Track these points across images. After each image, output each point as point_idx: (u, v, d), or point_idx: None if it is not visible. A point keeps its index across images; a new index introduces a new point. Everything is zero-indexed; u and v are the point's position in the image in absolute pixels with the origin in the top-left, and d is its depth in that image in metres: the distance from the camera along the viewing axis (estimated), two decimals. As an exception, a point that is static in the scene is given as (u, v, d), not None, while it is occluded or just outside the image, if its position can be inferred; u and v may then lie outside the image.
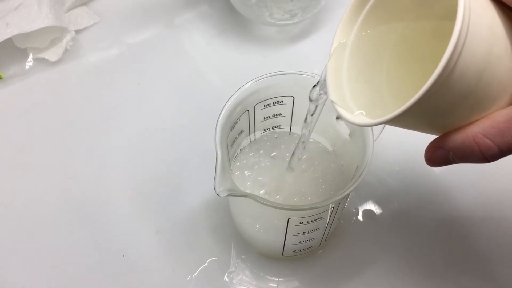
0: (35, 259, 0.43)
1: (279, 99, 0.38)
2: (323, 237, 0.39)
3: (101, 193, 0.46)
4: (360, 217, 0.44)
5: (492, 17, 0.23)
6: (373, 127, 0.33)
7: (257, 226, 0.37)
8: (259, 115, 0.39)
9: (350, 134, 0.37)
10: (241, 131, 0.39)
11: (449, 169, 0.46)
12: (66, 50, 0.53)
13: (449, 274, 0.41)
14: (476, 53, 0.22)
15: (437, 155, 0.26)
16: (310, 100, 0.32)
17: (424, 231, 0.43)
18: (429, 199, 0.45)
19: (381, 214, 0.44)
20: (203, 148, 0.47)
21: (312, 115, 0.32)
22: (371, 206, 0.45)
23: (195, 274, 0.41)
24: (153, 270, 0.42)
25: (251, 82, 0.35)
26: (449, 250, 0.42)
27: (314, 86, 0.31)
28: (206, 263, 0.42)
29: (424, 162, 0.43)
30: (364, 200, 0.45)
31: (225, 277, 0.41)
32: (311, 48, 0.55)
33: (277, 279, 0.42)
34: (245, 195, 0.31)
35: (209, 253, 0.42)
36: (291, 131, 0.42)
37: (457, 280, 0.41)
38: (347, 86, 0.29)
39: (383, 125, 0.35)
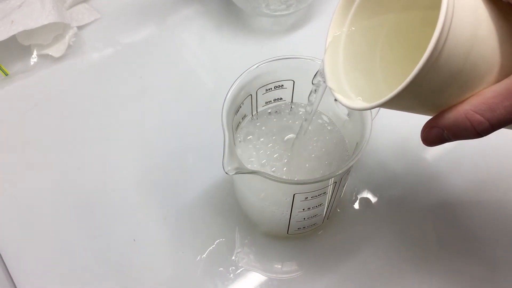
0: (50, 246, 0.44)
1: (280, 83, 0.40)
2: (325, 214, 0.41)
3: (109, 183, 0.47)
4: (358, 201, 0.46)
5: (475, 0, 0.24)
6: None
7: (264, 204, 0.38)
8: (261, 100, 0.41)
9: (348, 115, 0.39)
10: (245, 115, 0.41)
11: (441, 153, 0.48)
12: (69, 46, 0.55)
13: (443, 255, 0.43)
14: (462, 36, 0.23)
15: (433, 134, 0.27)
16: (313, 83, 0.34)
17: (420, 214, 0.45)
18: (424, 184, 0.47)
19: (379, 197, 0.46)
20: (205, 137, 0.49)
21: (315, 93, 0.34)
22: (368, 189, 0.47)
23: (204, 255, 0.43)
24: (164, 252, 0.44)
25: (255, 66, 0.37)
26: (444, 233, 0.44)
27: (315, 75, 0.33)
28: (214, 244, 0.44)
29: (416, 149, 0.45)
30: (362, 183, 0.47)
31: (233, 257, 0.43)
32: (306, 38, 0.57)
33: (281, 258, 0.43)
34: (252, 172, 0.33)
35: (216, 235, 0.44)
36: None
37: (451, 262, 0.43)
38: (344, 75, 0.31)
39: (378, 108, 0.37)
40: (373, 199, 0.46)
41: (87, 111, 0.52)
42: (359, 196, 0.46)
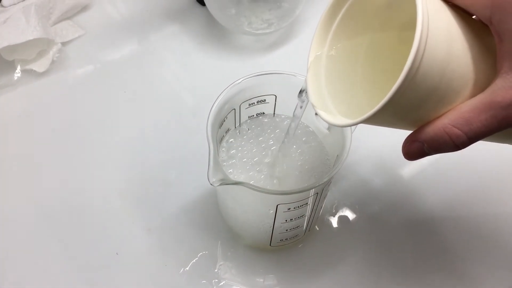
0: (29, 261, 0.44)
1: (263, 98, 0.41)
2: (307, 226, 0.42)
3: (92, 195, 0.48)
4: (337, 214, 0.47)
5: (448, 19, 0.26)
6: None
7: (248, 215, 0.39)
8: (244, 114, 0.42)
9: (328, 128, 0.40)
10: (228, 129, 0.42)
11: (418, 170, 0.50)
12: (53, 62, 0.55)
13: (418, 270, 0.44)
14: (437, 55, 0.24)
15: (413, 148, 0.28)
16: (298, 99, 0.35)
17: (397, 230, 0.46)
18: (401, 201, 0.48)
19: (358, 211, 0.48)
20: (189, 150, 0.50)
21: (300, 108, 0.35)
22: (348, 203, 0.48)
23: (187, 268, 0.43)
24: (146, 265, 0.44)
25: (239, 81, 0.38)
26: (419, 247, 0.46)
27: (301, 92, 0.34)
28: (197, 257, 0.44)
29: (395, 166, 0.46)
30: (342, 197, 0.48)
31: (216, 269, 0.44)
32: (287, 55, 0.59)
33: (263, 271, 0.44)
34: (237, 183, 0.33)
35: (199, 248, 0.45)
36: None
37: (426, 276, 0.44)
38: (327, 92, 0.32)
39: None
40: (352, 214, 0.47)
41: (70, 126, 0.52)
42: (338, 210, 0.47)
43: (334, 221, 0.47)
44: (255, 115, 0.43)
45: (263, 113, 0.43)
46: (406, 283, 0.44)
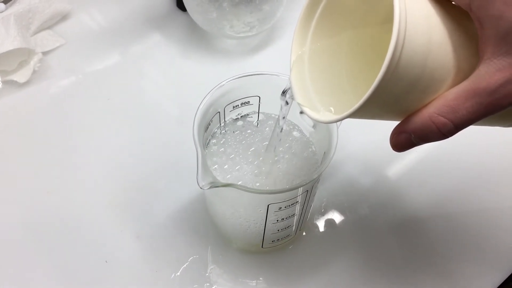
0: (17, 271, 0.43)
1: (247, 99, 0.41)
2: (298, 225, 0.42)
3: (79, 205, 0.47)
4: (326, 214, 0.47)
5: (426, 8, 0.26)
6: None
7: (238, 218, 0.39)
8: (229, 116, 0.42)
9: (314, 126, 0.41)
10: (214, 132, 0.42)
11: (402, 171, 0.50)
12: (34, 72, 0.54)
13: (407, 269, 0.45)
14: (417, 45, 0.24)
15: (401, 139, 0.28)
16: (282, 98, 0.35)
17: (385, 230, 0.47)
18: (388, 201, 0.49)
19: (346, 210, 0.48)
20: (175, 158, 0.50)
21: (285, 105, 0.35)
22: (336, 202, 0.48)
23: (178, 273, 0.43)
24: (137, 272, 0.43)
25: (223, 83, 0.38)
26: (407, 247, 0.46)
27: (285, 91, 0.34)
28: (188, 262, 0.44)
29: (382, 163, 0.46)
30: (330, 196, 0.48)
31: (207, 273, 0.43)
32: (270, 57, 0.59)
33: (255, 274, 0.44)
34: (227, 185, 0.33)
35: (190, 252, 0.44)
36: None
37: (414, 275, 0.44)
38: (312, 89, 0.32)
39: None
40: (341, 213, 0.47)
41: (54, 136, 0.52)
42: (327, 209, 0.47)
43: (323, 221, 0.47)
44: (239, 117, 0.43)
45: (248, 114, 0.43)
46: (397, 282, 0.44)
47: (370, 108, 0.26)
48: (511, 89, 0.24)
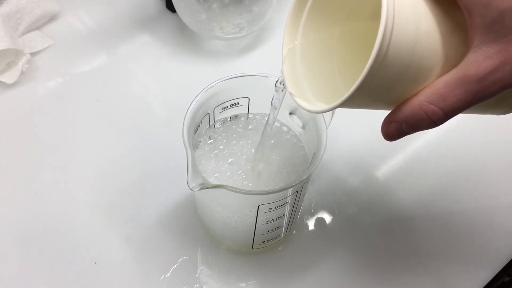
0: (5, 275, 0.43)
1: (236, 101, 0.41)
2: (287, 225, 0.42)
3: (67, 207, 0.47)
4: (315, 215, 0.48)
5: None
6: (324, 115, 0.37)
7: (228, 219, 0.39)
8: (219, 118, 0.42)
9: (303, 127, 0.41)
10: (203, 133, 0.42)
11: (390, 171, 0.51)
12: (22, 73, 0.54)
13: (395, 269, 0.45)
14: (405, 34, 0.24)
15: (392, 129, 0.28)
16: (275, 88, 0.35)
17: (374, 229, 0.47)
18: (376, 201, 0.49)
19: (335, 210, 0.48)
20: (164, 159, 0.50)
21: (277, 97, 0.35)
22: (325, 202, 0.48)
23: (168, 274, 0.43)
24: (127, 274, 0.43)
25: (212, 84, 0.38)
26: (396, 247, 0.46)
27: (277, 81, 0.35)
28: (178, 263, 0.44)
29: (371, 163, 0.46)
30: (319, 196, 0.48)
31: (197, 274, 0.43)
32: (259, 59, 0.59)
33: (245, 274, 0.44)
34: (217, 186, 0.33)
35: (179, 254, 0.44)
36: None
37: (402, 275, 0.45)
38: (304, 81, 0.33)
39: (331, 113, 0.39)
40: (330, 213, 0.48)
41: (42, 137, 0.52)
42: (317, 209, 0.48)
43: (313, 221, 0.47)
44: (229, 118, 0.43)
45: (237, 116, 0.44)
46: (385, 281, 0.44)
47: (361, 97, 0.26)
48: (499, 76, 0.25)
